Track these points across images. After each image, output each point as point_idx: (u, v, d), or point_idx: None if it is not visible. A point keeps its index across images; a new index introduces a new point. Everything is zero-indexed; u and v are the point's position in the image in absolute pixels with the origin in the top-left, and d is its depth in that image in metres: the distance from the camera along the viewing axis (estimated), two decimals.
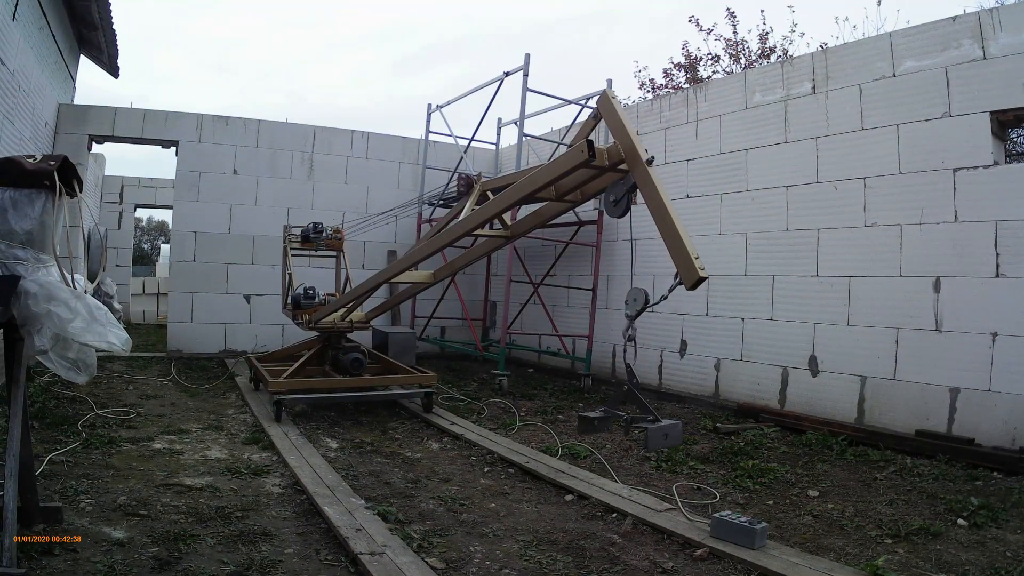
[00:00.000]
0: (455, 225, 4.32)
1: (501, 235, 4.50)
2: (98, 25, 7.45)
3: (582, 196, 3.81)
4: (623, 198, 3.24)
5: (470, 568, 2.67)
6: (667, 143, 6.91)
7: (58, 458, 3.71)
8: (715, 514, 2.95)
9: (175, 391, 6.21)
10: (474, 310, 9.22)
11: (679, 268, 2.86)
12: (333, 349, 5.87)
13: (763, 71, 6.25)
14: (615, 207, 3.28)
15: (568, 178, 3.46)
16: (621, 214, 3.28)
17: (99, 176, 12.22)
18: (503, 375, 6.78)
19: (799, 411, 5.29)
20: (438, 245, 4.45)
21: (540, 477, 3.91)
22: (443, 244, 4.41)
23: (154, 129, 8.09)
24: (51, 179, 2.37)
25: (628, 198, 3.23)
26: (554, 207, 3.99)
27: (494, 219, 4.10)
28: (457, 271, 5.29)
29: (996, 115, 4.42)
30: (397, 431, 5.06)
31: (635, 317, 3.27)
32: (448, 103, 8.78)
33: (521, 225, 4.34)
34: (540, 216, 4.14)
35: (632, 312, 3.27)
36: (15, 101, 5.54)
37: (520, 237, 4.61)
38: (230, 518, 3.04)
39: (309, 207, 8.61)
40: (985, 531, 3.04)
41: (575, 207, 4.14)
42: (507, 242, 4.71)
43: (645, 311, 3.27)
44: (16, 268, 2.33)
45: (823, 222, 5.37)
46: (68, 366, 2.36)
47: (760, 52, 14.47)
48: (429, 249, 4.54)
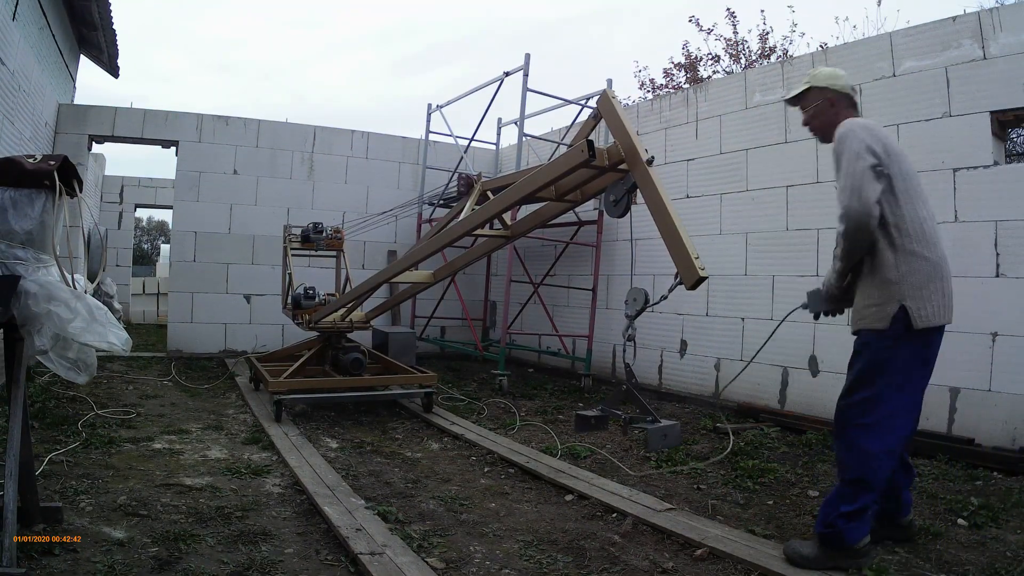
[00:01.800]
0: (455, 225, 4.32)
1: (501, 235, 4.50)
2: (98, 25, 7.45)
3: (582, 196, 3.81)
4: (623, 198, 3.24)
5: (470, 568, 2.67)
6: (667, 143, 6.92)
7: (58, 458, 3.71)
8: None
9: (175, 391, 6.21)
10: (474, 310, 9.22)
11: (679, 268, 2.85)
12: (333, 349, 5.87)
13: (763, 71, 6.25)
14: (615, 207, 3.27)
15: (568, 178, 3.45)
16: (621, 214, 3.27)
17: (99, 176, 12.23)
18: (503, 375, 6.78)
19: (799, 411, 5.29)
20: (438, 245, 4.45)
21: (540, 477, 3.91)
22: (443, 244, 4.41)
23: (154, 129, 8.09)
24: (51, 179, 2.37)
25: (628, 198, 3.23)
26: (554, 207, 3.99)
27: (494, 219, 4.10)
28: (457, 271, 5.29)
29: (996, 115, 4.42)
30: (397, 431, 5.06)
31: (635, 317, 3.26)
32: (448, 103, 8.78)
33: (521, 225, 4.34)
34: (540, 216, 4.13)
35: (632, 312, 3.26)
36: (15, 101, 5.54)
37: (520, 237, 4.61)
38: (230, 518, 3.04)
39: (309, 207, 8.61)
40: (985, 531, 3.04)
41: (575, 207, 4.14)
42: (507, 242, 4.71)
43: (645, 311, 3.26)
44: (16, 268, 2.33)
45: (823, 222, 5.37)
46: (68, 366, 2.36)
47: (760, 52, 14.49)
48: (429, 249, 4.54)
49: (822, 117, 2.86)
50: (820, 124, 2.88)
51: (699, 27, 15.12)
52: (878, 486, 2.61)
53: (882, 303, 2.60)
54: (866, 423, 2.62)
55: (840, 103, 2.83)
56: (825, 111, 2.84)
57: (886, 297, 2.59)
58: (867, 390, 2.65)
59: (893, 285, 2.58)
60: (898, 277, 2.57)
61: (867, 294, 2.66)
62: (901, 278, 2.57)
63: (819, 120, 2.87)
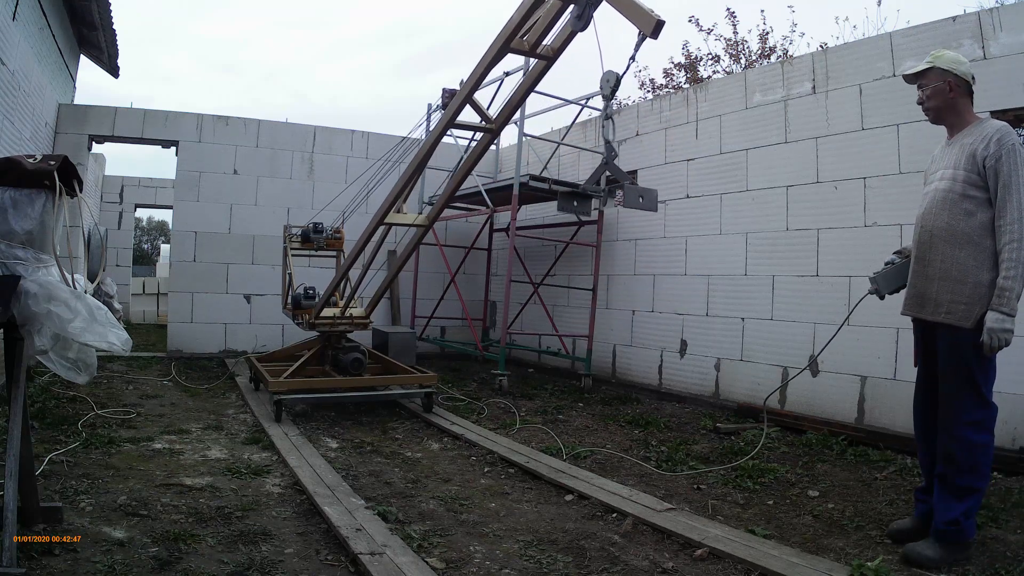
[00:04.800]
0: (435, 127, 4.42)
1: (487, 128, 4.49)
2: (98, 25, 7.46)
3: (553, 53, 3.84)
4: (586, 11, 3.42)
5: (470, 568, 2.67)
6: (667, 143, 6.92)
7: (58, 458, 3.71)
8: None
9: (175, 391, 6.21)
10: (474, 310, 9.22)
11: (634, 22, 2.91)
12: (333, 349, 5.87)
13: (763, 71, 6.24)
14: (579, 21, 3.48)
15: (533, 26, 3.60)
16: (583, 28, 3.50)
17: (99, 176, 12.23)
18: (503, 375, 6.78)
19: (799, 411, 5.29)
20: (417, 160, 4.50)
21: (540, 477, 3.91)
22: (423, 155, 4.45)
23: (154, 129, 8.09)
24: (51, 179, 2.37)
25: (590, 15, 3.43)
26: (533, 76, 4.06)
27: (468, 103, 4.20)
28: (449, 200, 5.20)
29: (996, 115, 4.41)
30: (397, 431, 5.06)
31: (611, 97, 3.81)
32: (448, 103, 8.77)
33: (505, 112, 4.35)
34: (518, 93, 4.22)
35: (608, 93, 3.81)
36: (15, 101, 5.55)
37: (505, 126, 4.56)
38: (230, 518, 3.04)
39: (309, 207, 8.61)
40: (985, 531, 3.03)
41: (551, 65, 4.06)
42: (493, 136, 4.61)
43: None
44: (16, 268, 2.33)
45: (823, 222, 5.37)
46: (68, 366, 2.36)
47: (760, 52, 14.49)
48: (410, 170, 4.58)
49: (938, 99, 2.87)
50: (935, 106, 2.90)
51: (699, 27, 15.12)
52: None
53: (971, 303, 2.66)
54: (977, 420, 2.71)
55: (959, 89, 2.84)
56: (943, 94, 2.85)
57: (975, 298, 2.66)
58: None
59: (985, 288, 2.66)
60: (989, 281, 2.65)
61: (954, 290, 2.72)
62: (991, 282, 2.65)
63: (935, 101, 2.89)
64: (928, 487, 2.92)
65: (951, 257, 2.73)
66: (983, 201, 2.69)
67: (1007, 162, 2.62)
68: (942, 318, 2.75)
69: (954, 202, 2.74)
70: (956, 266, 2.71)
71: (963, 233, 2.71)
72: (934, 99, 2.89)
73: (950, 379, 2.76)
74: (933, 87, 2.87)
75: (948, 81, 2.83)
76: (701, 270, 6.43)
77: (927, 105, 2.93)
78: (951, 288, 2.73)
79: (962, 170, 2.74)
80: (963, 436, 2.69)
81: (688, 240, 6.59)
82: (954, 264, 2.72)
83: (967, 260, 2.69)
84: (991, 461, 2.75)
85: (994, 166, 2.64)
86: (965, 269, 2.69)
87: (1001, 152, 2.63)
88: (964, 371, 2.71)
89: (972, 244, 2.69)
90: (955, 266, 2.72)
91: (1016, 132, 2.80)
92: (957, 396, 2.73)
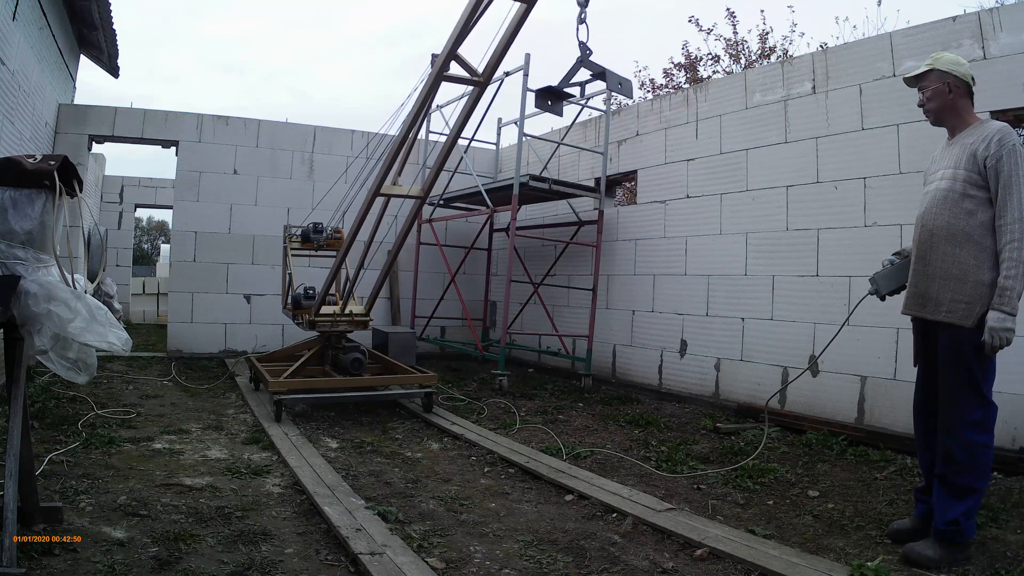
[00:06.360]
0: (421, 89, 4.46)
1: (475, 81, 4.48)
2: (98, 25, 7.45)
3: None
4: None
5: (470, 568, 2.67)
6: (667, 143, 6.92)
7: (58, 458, 3.71)
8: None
9: (175, 391, 6.21)
10: (474, 310, 9.22)
11: None
12: (333, 349, 5.87)
13: (763, 71, 6.24)
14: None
15: None
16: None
17: (99, 176, 12.23)
18: (503, 375, 6.78)
19: (799, 411, 5.29)
20: (410, 119, 4.55)
21: (540, 477, 3.91)
22: (414, 119, 4.50)
23: (154, 129, 8.09)
24: (51, 179, 2.37)
25: None
26: (514, 22, 4.07)
27: (453, 59, 4.23)
28: (442, 167, 5.16)
29: (996, 115, 4.41)
30: (397, 431, 5.06)
31: (586, 5, 4.24)
32: (448, 103, 8.77)
33: (491, 63, 4.35)
34: (502, 42, 4.23)
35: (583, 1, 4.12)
36: (15, 101, 5.54)
37: (493, 75, 4.52)
38: (230, 518, 3.04)
39: (309, 207, 8.60)
40: (985, 531, 3.03)
41: (530, 8, 4.06)
42: (482, 88, 4.59)
43: None
44: (16, 268, 2.33)
45: (823, 222, 5.37)
46: (68, 366, 2.36)
47: (760, 52, 14.49)
48: (403, 132, 4.64)
49: (938, 101, 2.89)
50: (935, 107, 2.91)
51: (699, 27, 15.11)
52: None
53: (971, 302, 2.67)
54: (977, 420, 2.72)
55: (959, 90, 2.85)
56: (943, 95, 2.87)
57: (976, 297, 2.67)
58: None
59: (985, 287, 2.66)
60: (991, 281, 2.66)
61: (955, 289, 2.73)
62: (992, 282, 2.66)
63: (935, 103, 2.90)
64: (928, 487, 2.92)
65: (952, 256, 2.73)
66: (983, 200, 2.70)
67: (1008, 162, 2.62)
68: (943, 317, 2.75)
69: (955, 201, 2.74)
70: (957, 265, 2.72)
71: (964, 232, 2.71)
72: (934, 101, 2.89)
73: (950, 379, 2.75)
74: (933, 89, 2.88)
75: (948, 83, 2.84)
76: (701, 270, 6.43)
77: (927, 107, 2.94)
78: (952, 287, 2.73)
79: (963, 169, 2.74)
80: (963, 436, 2.69)
81: (688, 240, 6.59)
82: (955, 263, 2.72)
83: (968, 259, 2.69)
84: (991, 461, 2.75)
85: (995, 166, 2.65)
86: (966, 268, 2.69)
87: (1002, 152, 2.64)
88: (964, 371, 2.71)
89: (973, 243, 2.69)
90: (956, 265, 2.72)
91: (1016, 132, 2.80)
92: (957, 396, 2.73)
